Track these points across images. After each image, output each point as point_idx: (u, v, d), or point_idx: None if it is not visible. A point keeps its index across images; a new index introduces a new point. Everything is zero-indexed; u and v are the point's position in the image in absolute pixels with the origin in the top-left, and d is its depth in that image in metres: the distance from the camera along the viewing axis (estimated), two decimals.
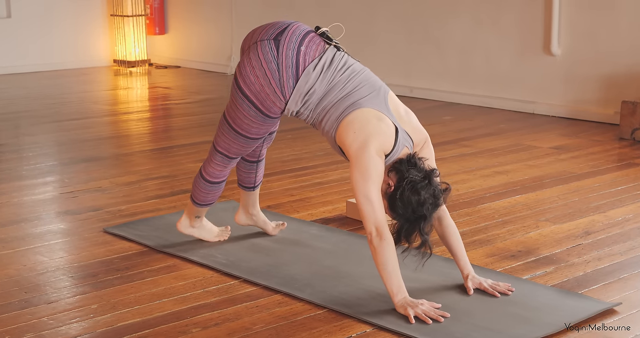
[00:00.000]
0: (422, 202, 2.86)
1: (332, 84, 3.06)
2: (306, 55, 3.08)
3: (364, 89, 3.04)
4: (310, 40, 3.11)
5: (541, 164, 5.06)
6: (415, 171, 2.90)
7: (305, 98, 3.08)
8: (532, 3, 6.71)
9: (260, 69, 3.08)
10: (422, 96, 7.53)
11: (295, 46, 3.08)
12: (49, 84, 8.53)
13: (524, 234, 3.77)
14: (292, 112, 3.13)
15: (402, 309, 2.84)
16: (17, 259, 3.44)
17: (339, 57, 3.11)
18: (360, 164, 2.88)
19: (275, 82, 3.07)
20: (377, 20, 7.74)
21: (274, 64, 3.07)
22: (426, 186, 2.88)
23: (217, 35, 9.35)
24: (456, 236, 3.11)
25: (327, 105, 3.05)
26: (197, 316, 2.89)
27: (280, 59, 3.07)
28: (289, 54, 3.07)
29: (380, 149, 2.91)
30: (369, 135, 2.91)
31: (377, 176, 2.88)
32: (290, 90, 3.07)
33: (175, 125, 6.58)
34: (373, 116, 2.96)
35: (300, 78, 3.06)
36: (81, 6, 9.62)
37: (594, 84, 6.45)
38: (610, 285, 3.16)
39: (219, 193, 3.49)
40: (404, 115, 3.04)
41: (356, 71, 3.10)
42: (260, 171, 3.60)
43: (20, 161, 5.17)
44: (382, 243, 2.83)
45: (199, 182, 3.44)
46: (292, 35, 3.10)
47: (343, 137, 2.97)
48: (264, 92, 3.10)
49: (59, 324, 2.82)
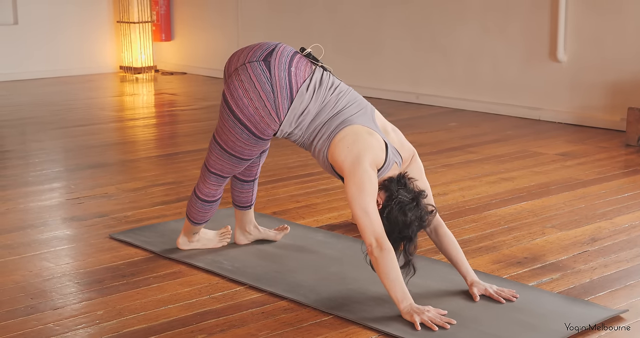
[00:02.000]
0: (408, 224, 2.90)
1: (324, 104, 3.08)
2: (297, 76, 3.07)
3: (353, 107, 3.08)
4: (298, 61, 3.12)
5: (547, 171, 5.05)
6: (404, 192, 2.93)
7: (299, 119, 3.08)
8: (539, 10, 6.71)
9: (254, 91, 3.06)
10: (428, 103, 7.53)
11: (286, 67, 3.07)
12: (55, 91, 8.54)
13: (530, 241, 3.76)
14: (284, 133, 3.12)
15: (408, 316, 2.83)
16: (23, 265, 3.44)
17: (326, 78, 3.13)
18: (356, 177, 2.91)
19: (270, 103, 3.06)
20: (384, 27, 7.74)
21: (268, 86, 3.05)
22: (414, 208, 2.91)
23: (224, 42, 9.37)
24: (454, 245, 3.12)
25: (318, 124, 3.07)
26: (202, 322, 2.88)
27: (273, 80, 3.05)
28: (281, 75, 3.05)
29: (373, 162, 2.94)
30: (362, 149, 2.94)
31: (372, 189, 2.90)
32: (285, 112, 3.06)
33: (181, 131, 6.58)
34: (363, 131, 2.99)
35: (295, 99, 3.06)
36: (87, 13, 9.65)
37: (600, 91, 6.44)
38: (617, 292, 3.15)
39: (214, 210, 3.48)
40: (391, 132, 3.09)
41: (343, 90, 3.13)
42: (255, 189, 3.60)
43: (27, 167, 5.18)
44: (383, 253, 2.84)
45: (194, 201, 3.43)
46: (281, 56, 3.09)
47: (336, 154, 2.99)
48: (258, 115, 3.08)
49: (65, 330, 2.82)
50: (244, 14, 9.13)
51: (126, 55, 9.64)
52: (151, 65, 9.70)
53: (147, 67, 9.66)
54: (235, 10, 9.19)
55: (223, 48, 9.38)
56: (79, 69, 9.63)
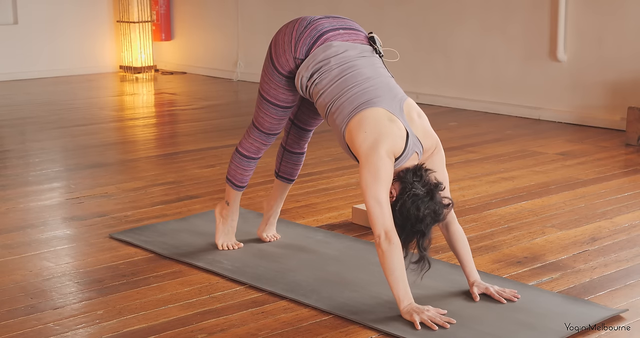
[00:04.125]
0: (421, 218, 2.83)
1: (352, 70, 3.05)
2: (340, 35, 3.14)
3: (381, 90, 3.00)
4: (355, 34, 3.18)
5: (547, 170, 5.05)
6: (419, 185, 2.86)
7: (317, 65, 3.09)
8: (539, 10, 6.71)
9: (290, 29, 3.18)
10: (428, 102, 7.53)
11: (336, 26, 3.16)
12: (55, 90, 8.55)
13: (530, 240, 3.76)
14: (302, 79, 3.14)
15: (408, 315, 2.83)
16: (23, 265, 3.44)
17: (370, 55, 3.14)
18: (371, 164, 2.84)
19: (295, 37, 3.15)
20: (384, 26, 7.74)
21: (302, 26, 3.16)
22: (428, 202, 2.84)
23: (224, 42, 9.37)
24: (463, 243, 3.08)
25: (341, 92, 3.02)
26: (202, 322, 2.88)
27: (314, 24, 3.16)
28: (325, 24, 3.15)
29: (390, 150, 2.86)
30: (380, 135, 2.87)
31: (387, 178, 2.84)
32: (304, 49, 3.13)
33: (181, 131, 6.58)
34: (385, 116, 2.92)
35: (321, 44, 3.11)
36: (87, 12, 9.65)
37: (600, 90, 6.44)
38: (617, 292, 3.15)
39: (251, 172, 3.52)
40: (416, 119, 3.00)
41: (382, 75, 3.08)
42: (301, 165, 3.65)
43: (27, 167, 5.18)
44: (391, 247, 2.81)
45: (234, 157, 3.51)
46: (340, 18, 3.22)
47: (354, 135, 2.93)
48: (282, 48, 3.18)
49: (65, 330, 2.82)
50: (244, 14, 9.13)
51: (126, 54, 9.64)
52: (151, 64, 9.70)
53: (147, 67, 9.66)
54: (235, 10, 9.19)
55: (223, 48, 9.38)
56: (78, 69, 9.63)
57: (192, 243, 3.65)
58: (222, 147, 5.72)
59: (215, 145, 5.77)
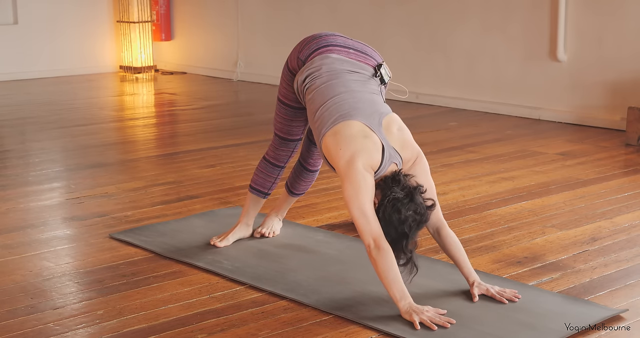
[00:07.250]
0: (402, 220, 2.87)
1: (336, 79, 3.16)
2: (346, 53, 3.25)
3: (362, 102, 3.08)
4: (364, 57, 3.28)
5: (547, 170, 5.05)
6: (397, 188, 2.90)
7: (309, 70, 3.21)
8: (539, 9, 6.71)
9: (315, 34, 3.36)
10: (428, 102, 7.53)
11: (350, 45, 3.28)
12: (55, 90, 8.54)
13: (530, 240, 3.76)
14: (298, 83, 3.26)
15: (408, 315, 2.83)
16: (23, 265, 3.44)
17: (368, 77, 3.23)
18: (351, 178, 2.91)
19: (309, 40, 3.32)
20: (384, 26, 7.74)
21: (323, 34, 3.33)
22: (408, 203, 2.88)
23: (224, 42, 9.37)
24: (456, 245, 3.10)
25: (323, 103, 3.10)
26: (202, 322, 2.89)
27: (330, 36, 3.30)
28: (339, 40, 3.29)
29: (368, 164, 2.93)
30: (355, 152, 2.94)
31: (368, 189, 2.90)
32: (307, 53, 3.27)
33: (181, 131, 6.58)
34: (359, 133, 2.99)
35: (321, 53, 3.24)
36: (87, 12, 9.65)
37: (600, 90, 6.44)
38: (617, 292, 3.15)
39: (275, 181, 3.64)
40: (395, 131, 3.05)
41: (370, 92, 3.16)
42: (311, 183, 3.78)
43: (27, 167, 5.18)
44: (381, 253, 2.84)
45: (259, 163, 3.65)
46: (360, 43, 3.34)
47: (331, 150, 3.02)
48: (297, 47, 3.39)
49: (65, 330, 2.82)
50: (244, 14, 9.12)
51: (126, 54, 9.63)
52: (151, 64, 9.70)
53: (147, 67, 9.65)
54: (235, 10, 9.19)
55: (223, 48, 9.38)
56: (78, 69, 9.63)
57: (192, 243, 3.66)
58: (222, 147, 5.72)
59: (215, 145, 5.77)
